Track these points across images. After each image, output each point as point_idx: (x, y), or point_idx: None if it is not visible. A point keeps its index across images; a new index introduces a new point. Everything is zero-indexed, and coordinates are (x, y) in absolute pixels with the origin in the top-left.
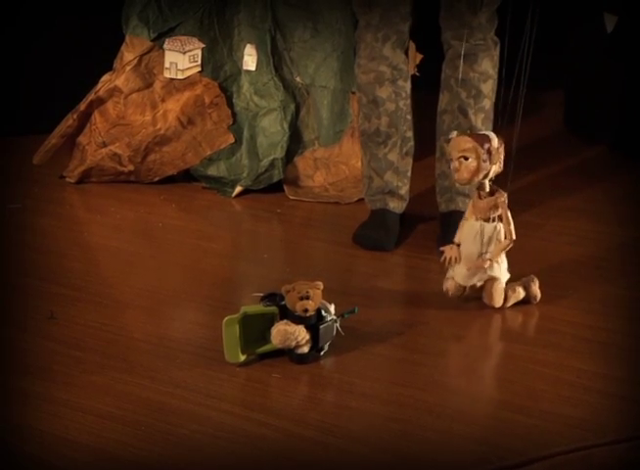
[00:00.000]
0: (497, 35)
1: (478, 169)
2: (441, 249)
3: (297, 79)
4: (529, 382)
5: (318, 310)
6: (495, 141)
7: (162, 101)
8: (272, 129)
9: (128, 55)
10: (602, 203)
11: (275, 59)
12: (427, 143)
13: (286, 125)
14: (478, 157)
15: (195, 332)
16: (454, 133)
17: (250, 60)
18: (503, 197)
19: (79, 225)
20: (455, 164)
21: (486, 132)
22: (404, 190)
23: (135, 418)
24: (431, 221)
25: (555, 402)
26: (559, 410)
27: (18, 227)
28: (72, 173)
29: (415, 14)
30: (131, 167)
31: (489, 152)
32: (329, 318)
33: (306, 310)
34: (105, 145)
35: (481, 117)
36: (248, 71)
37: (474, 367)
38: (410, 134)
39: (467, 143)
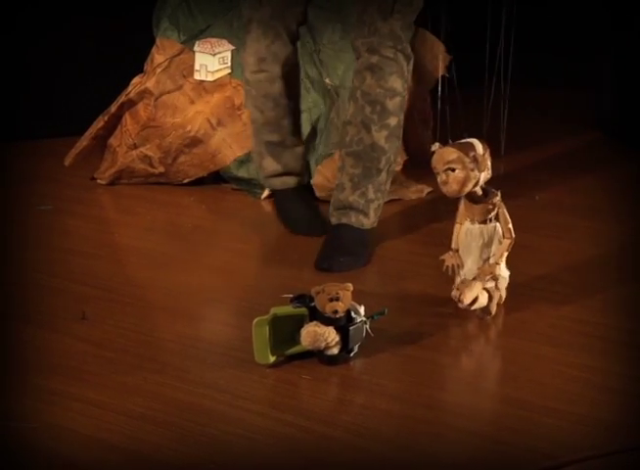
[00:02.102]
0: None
1: (466, 179)
2: (441, 257)
3: (327, 81)
4: (560, 384)
5: (348, 312)
6: (480, 147)
7: (192, 103)
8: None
9: (159, 57)
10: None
11: (304, 61)
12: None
13: (314, 128)
14: (464, 167)
15: (225, 333)
16: (436, 145)
17: None
18: (498, 196)
19: (110, 227)
20: (442, 176)
21: (469, 140)
22: (300, 170)
23: (166, 419)
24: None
25: (586, 405)
26: (590, 413)
27: (49, 228)
28: (103, 175)
29: (305, 15)
30: (161, 169)
31: (475, 160)
32: (358, 320)
33: (336, 312)
34: (135, 147)
35: (385, 135)
36: None
37: (504, 369)
38: (301, 122)
39: (451, 154)
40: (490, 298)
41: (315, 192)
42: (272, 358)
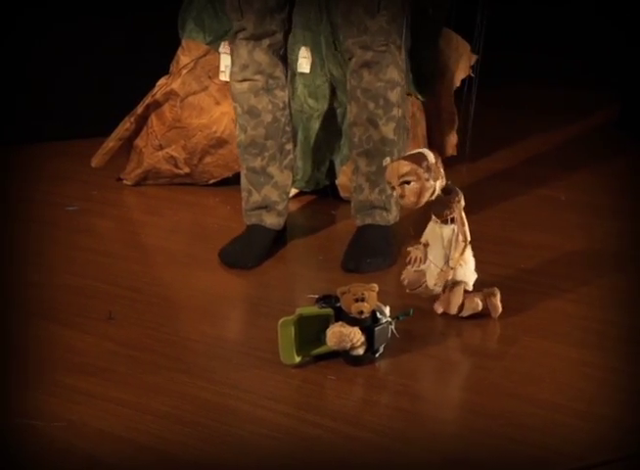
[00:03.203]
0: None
1: (422, 190)
2: (408, 249)
3: None
4: (583, 385)
5: (373, 312)
6: (431, 156)
7: (218, 104)
8: (326, 132)
9: (184, 58)
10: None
11: (328, 60)
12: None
13: (339, 128)
14: (419, 178)
15: (250, 333)
16: (387, 160)
17: (304, 62)
18: (457, 196)
19: (136, 227)
20: (398, 190)
21: (419, 150)
22: (282, 205)
23: (193, 419)
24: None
25: (612, 407)
26: (615, 415)
27: (76, 229)
28: (130, 176)
29: (290, 22)
30: (187, 170)
31: (429, 169)
32: (384, 320)
33: (362, 312)
34: (161, 148)
35: (393, 127)
36: (302, 74)
37: (529, 370)
38: (290, 147)
39: (404, 167)
40: (485, 299)
41: (340, 192)
42: (297, 359)
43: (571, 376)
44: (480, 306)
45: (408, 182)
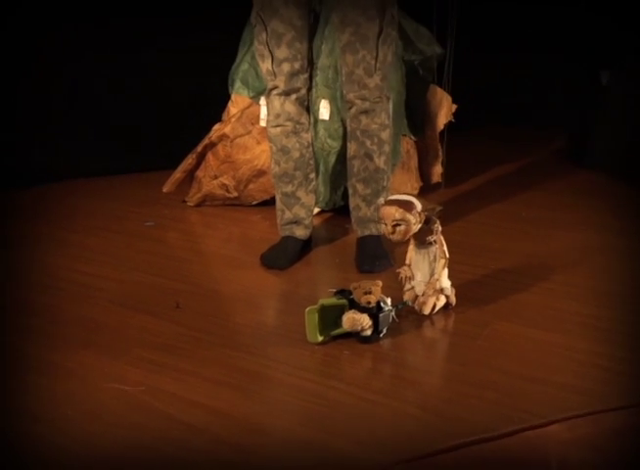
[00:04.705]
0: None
1: (408, 231)
2: (397, 270)
3: None
4: (543, 359)
5: (378, 302)
6: (418, 205)
7: (258, 144)
8: (341, 164)
9: (233, 109)
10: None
11: (343, 110)
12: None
13: None
14: (408, 223)
15: (284, 319)
16: (381, 201)
17: (324, 111)
18: (436, 224)
19: (197, 238)
20: (389, 228)
21: (408, 198)
22: (308, 220)
23: (239, 384)
24: (462, 232)
25: (567, 375)
26: (570, 382)
27: (152, 239)
28: (192, 199)
29: (311, 81)
30: (236, 194)
31: (416, 215)
32: (386, 309)
33: (369, 303)
34: (216, 177)
35: (384, 159)
36: (322, 120)
37: (499, 347)
38: (313, 176)
39: (397, 213)
40: (446, 297)
41: None
42: (320, 338)
43: (534, 351)
44: (444, 302)
45: (399, 224)
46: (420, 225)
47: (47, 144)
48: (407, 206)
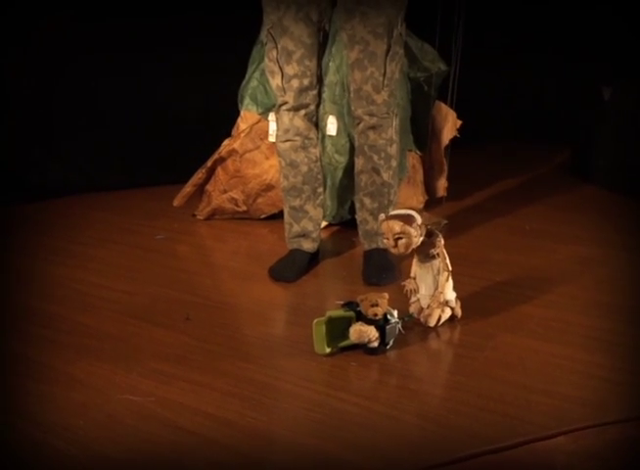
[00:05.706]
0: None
1: (410, 244)
2: (403, 283)
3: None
4: (545, 370)
5: (385, 315)
6: (418, 218)
7: (267, 159)
8: (348, 179)
9: (242, 125)
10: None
11: (350, 126)
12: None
13: None
14: (409, 236)
15: (292, 330)
16: (382, 216)
17: (332, 127)
18: (439, 237)
19: (207, 251)
20: (392, 242)
21: (409, 212)
22: (316, 234)
23: (248, 394)
24: (464, 245)
25: (569, 387)
26: (572, 393)
27: (162, 252)
28: (202, 212)
29: (320, 96)
30: (244, 208)
31: (417, 228)
32: (393, 321)
33: (376, 315)
34: (225, 191)
35: (391, 174)
36: (330, 136)
37: (503, 359)
38: (321, 190)
39: (398, 227)
40: (451, 309)
41: None
42: (328, 350)
43: (536, 363)
44: (449, 314)
45: (401, 238)
46: (422, 238)
47: (60, 159)
48: (407, 219)
